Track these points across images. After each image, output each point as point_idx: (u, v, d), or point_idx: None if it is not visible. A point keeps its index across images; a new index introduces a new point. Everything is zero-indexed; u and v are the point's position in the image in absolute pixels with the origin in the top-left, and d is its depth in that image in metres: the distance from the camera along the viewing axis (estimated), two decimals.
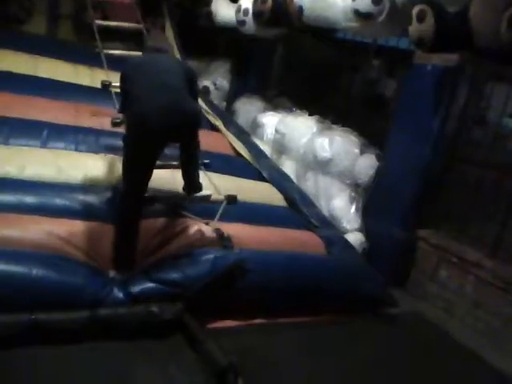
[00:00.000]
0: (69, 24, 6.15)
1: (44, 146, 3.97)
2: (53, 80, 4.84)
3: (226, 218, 3.74)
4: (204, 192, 3.59)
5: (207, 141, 4.40)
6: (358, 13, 4.12)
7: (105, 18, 5.64)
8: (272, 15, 5.24)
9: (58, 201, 3.47)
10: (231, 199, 3.73)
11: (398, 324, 3.84)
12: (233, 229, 3.71)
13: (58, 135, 4.09)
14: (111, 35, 5.26)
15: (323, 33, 5.28)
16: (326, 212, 4.74)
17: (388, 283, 4.11)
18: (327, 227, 4.42)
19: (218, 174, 4.22)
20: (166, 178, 3.63)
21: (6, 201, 3.33)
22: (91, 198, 3.58)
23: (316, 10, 4.61)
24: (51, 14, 6.32)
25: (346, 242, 4.32)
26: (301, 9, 4.70)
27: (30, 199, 3.39)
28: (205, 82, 7.05)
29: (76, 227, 3.31)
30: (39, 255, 3.02)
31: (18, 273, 2.87)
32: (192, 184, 3.54)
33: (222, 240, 3.54)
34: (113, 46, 4.95)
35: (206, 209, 3.74)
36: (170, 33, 6.83)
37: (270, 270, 3.52)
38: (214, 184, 3.86)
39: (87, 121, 4.42)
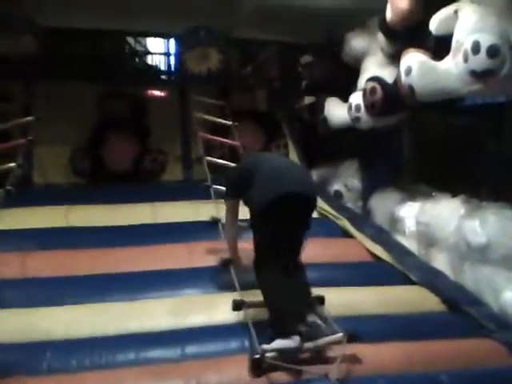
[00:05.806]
0: (201, 166, 6.46)
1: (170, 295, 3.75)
2: (169, 223, 4.84)
3: (373, 337, 3.17)
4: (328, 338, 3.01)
5: (340, 249, 4.23)
6: (475, 73, 3.66)
7: (223, 157, 5.80)
8: (384, 103, 5.02)
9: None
10: (352, 339, 3.00)
11: None
12: (383, 350, 3.09)
13: (178, 281, 3.92)
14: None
15: (446, 104, 4.81)
16: (495, 309, 3.84)
17: None
18: (506, 329, 3.54)
19: (353, 288, 3.76)
20: None
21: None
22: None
23: (428, 85, 4.21)
24: (185, 160, 6.84)
25: None
26: (411, 88, 4.35)
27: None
28: (336, 187, 6.80)
29: None
30: None
31: None
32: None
33: None
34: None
35: None
36: (292, 149, 6.95)
37: None
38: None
39: (201, 260, 4.16)
